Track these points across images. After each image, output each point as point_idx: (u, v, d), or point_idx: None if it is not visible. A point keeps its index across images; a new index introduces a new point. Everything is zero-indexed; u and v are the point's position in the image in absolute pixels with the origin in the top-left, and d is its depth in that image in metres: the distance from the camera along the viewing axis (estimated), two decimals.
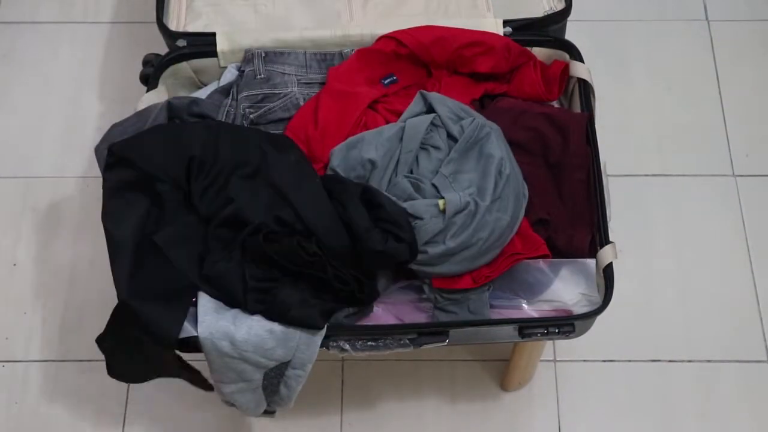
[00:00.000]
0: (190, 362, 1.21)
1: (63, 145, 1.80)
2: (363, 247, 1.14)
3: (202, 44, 1.38)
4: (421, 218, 1.17)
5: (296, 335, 1.14)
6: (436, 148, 1.24)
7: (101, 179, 1.19)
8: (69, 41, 1.91)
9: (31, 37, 1.92)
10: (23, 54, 1.90)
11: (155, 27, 1.40)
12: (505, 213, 1.19)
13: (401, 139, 1.25)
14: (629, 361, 1.60)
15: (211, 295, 1.15)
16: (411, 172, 1.24)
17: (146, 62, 1.38)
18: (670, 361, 1.60)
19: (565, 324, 1.19)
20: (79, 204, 1.73)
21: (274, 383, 1.19)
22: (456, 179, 1.21)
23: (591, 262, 1.22)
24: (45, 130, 1.81)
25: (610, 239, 1.22)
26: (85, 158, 1.77)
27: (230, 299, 1.14)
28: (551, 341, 1.58)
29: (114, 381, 1.23)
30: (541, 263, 1.22)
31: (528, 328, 1.19)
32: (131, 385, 1.56)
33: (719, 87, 1.85)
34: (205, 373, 1.17)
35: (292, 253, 1.13)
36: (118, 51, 1.89)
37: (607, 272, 1.20)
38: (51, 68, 1.88)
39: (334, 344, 1.17)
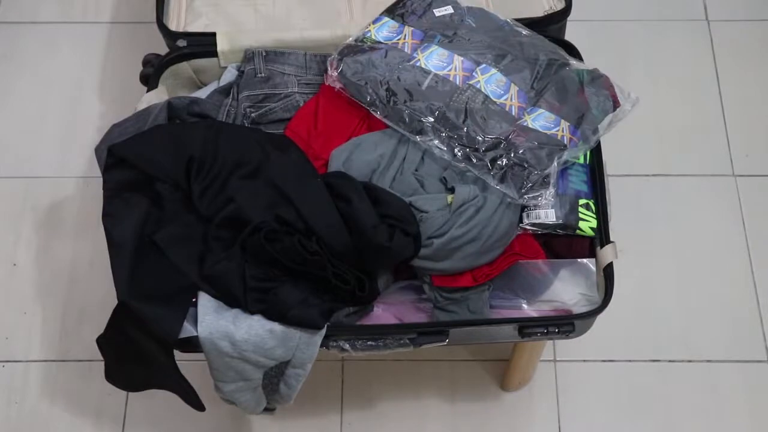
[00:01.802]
0: (189, 362, 1.21)
1: (63, 145, 1.79)
2: (369, 243, 1.13)
3: (202, 44, 1.38)
4: (426, 211, 1.17)
5: (296, 335, 1.14)
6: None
7: (101, 179, 1.19)
8: (69, 41, 1.91)
9: (31, 37, 1.92)
10: (23, 54, 1.90)
11: (155, 27, 1.40)
12: (510, 211, 1.19)
13: (407, 141, 1.24)
14: (629, 361, 1.60)
15: (211, 295, 1.14)
16: (416, 171, 1.23)
17: (146, 62, 1.38)
18: (670, 361, 1.60)
19: (565, 324, 1.19)
20: (79, 204, 1.73)
21: (274, 382, 1.19)
22: (464, 177, 1.21)
23: (591, 262, 1.22)
24: (45, 130, 1.81)
25: (611, 239, 1.22)
26: (85, 158, 1.77)
27: (230, 299, 1.14)
28: (551, 341, 1.58)
29: None
30: (541, 263, 1.22)
31: (528, 327, 1.19)
32: None
33: (719, 87, 1.85)
34: (205, 372, 1.17)
35: (292, 251, 1.13)
36: (118, 51, 1.89)
37: (607, 272, 1.19)
38: (51, 68, 1.88)
39: (334, 344, 1.17)
